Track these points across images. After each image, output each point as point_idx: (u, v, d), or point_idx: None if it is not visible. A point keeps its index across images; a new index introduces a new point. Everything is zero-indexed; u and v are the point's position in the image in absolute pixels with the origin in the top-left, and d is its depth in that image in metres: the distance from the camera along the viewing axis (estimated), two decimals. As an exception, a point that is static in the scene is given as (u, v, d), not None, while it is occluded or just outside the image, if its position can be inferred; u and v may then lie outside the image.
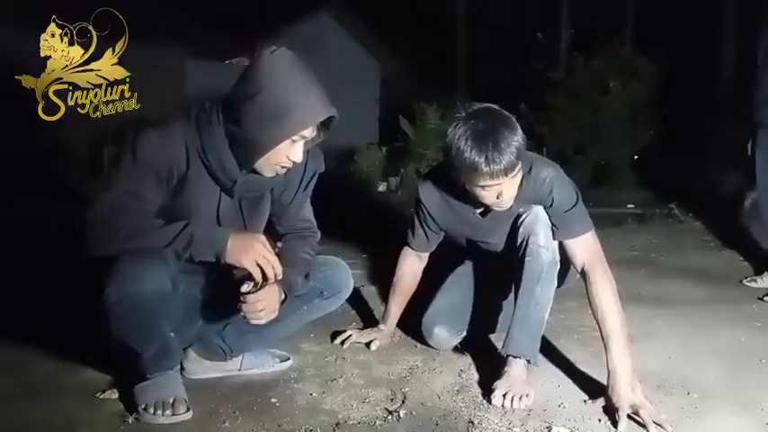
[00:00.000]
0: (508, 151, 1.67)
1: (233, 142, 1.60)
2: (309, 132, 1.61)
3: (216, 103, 1.63)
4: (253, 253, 1.55)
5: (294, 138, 1.58)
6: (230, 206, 1.70)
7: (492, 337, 2.19)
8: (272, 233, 1.84)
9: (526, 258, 1.84)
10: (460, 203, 1.96)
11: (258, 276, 1.57)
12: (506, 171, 1.69)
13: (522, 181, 1.80)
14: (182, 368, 1.81)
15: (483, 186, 1.73)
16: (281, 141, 1.57)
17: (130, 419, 1.62)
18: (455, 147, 1.70)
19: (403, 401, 1.76)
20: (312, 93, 1.56)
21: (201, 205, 1.66)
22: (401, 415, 1.67)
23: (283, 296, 1.68)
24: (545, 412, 1.69)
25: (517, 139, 1.70)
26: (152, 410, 1.61)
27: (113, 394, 1.75)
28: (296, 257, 1.76)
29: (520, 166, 1.73)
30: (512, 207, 1.85)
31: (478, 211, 1.95)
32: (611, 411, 1.64)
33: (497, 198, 1.77)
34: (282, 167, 1.64)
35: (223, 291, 1.83)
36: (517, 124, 1.74)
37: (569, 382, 1.89)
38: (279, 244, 1.75)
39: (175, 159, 1.60)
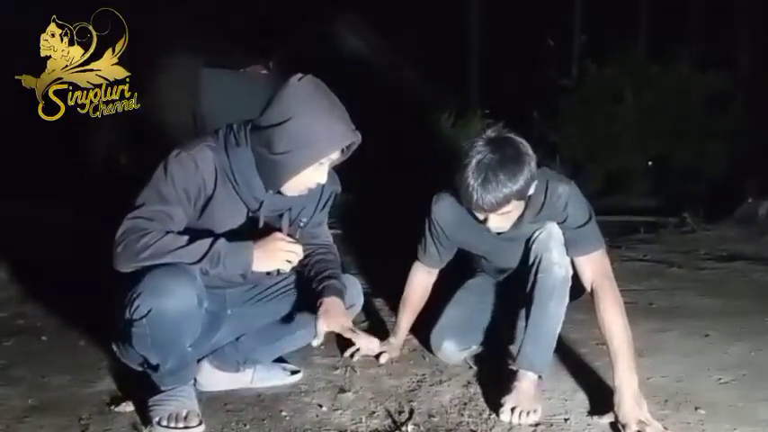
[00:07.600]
0: (502, 191, 1.67)
1: (260, 164, 1.66)
2: (336, 155, 1.67)
3: (244, 125, 1.68)
4: (280, 253, 1.63)
5: (321, 161, 1.64)
6: (255, 226, 1.75)
7: (499, 350, 2.20)
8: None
9: (539, 275, 1.86)
10: (476, 220, 1.97)
11: (288, 268, 1.67)
12: (492, 208, 1.71)
13: (539, 205, 1.82)
14: (194, 381, 1.85)
15: (472, 209, 1.77)
16: (309, 165, 1.63)
17: (144, 432, 1.66)
18: (462, 166, 1.72)
19: (411, 414, 1.78)
20: (338, 119, 1.63)
21: (228, 224, 1.71)
22: (409, 428, 1.70)
23: (348, 306, 1.81)
24: (551, 427, 1.70)
25: (521, 179, 1.69)
26: (166, 423, 1.64)
27: (128, 407, 1.79)
28: (332, 272, 1.85)
29: (514, 204, 1.73)
30: (527, 226, 1.87)
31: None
32: (617, 428, 1.65)
33: (485, 221, 1.80)
34: (307, 188, 1.70)
35: (243, 305, 1.90)
36: (530, 160, 1.72)
37: (576, 397, 1.90)
38: (301, 223, 1.83)
39: (204, 180, 1.65)
